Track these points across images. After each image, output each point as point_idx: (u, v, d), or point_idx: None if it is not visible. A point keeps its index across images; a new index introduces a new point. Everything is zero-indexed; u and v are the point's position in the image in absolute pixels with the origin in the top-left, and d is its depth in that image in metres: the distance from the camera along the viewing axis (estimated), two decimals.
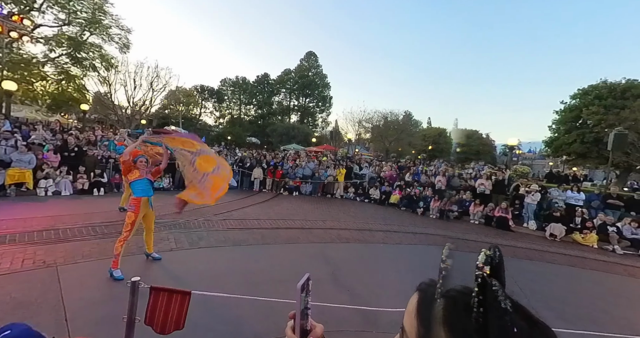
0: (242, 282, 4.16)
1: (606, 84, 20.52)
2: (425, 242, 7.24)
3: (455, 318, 0.45)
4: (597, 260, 7.14)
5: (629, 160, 16.62)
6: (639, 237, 8.26)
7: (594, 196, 10.38)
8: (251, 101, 51.89)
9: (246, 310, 3.34)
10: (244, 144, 37.23)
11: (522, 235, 9.10)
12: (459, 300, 0.47)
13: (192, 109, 47.32)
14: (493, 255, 0.48)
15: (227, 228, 6.58)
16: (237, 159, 13.76)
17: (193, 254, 5.07)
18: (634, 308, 4.64)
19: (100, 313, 3.07)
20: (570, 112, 21.53)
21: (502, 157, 39.04)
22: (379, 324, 3.34)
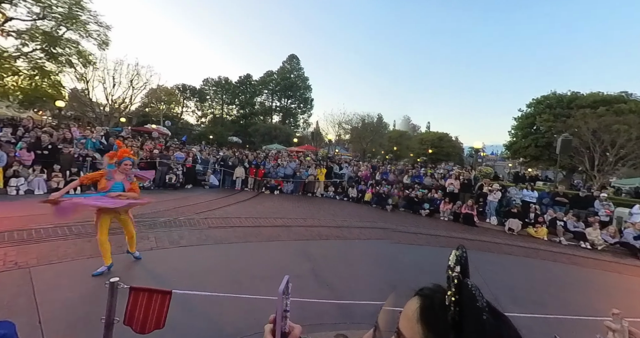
0: (223, 280, 4.08)
1: (555, 95, 22.11)
2: (396, 239, 7.44)
3: (432, 316, 0.48)
4: (546, 251, 7.67)
5: (572, 162, 17.97)
6: (580, 230, 8.96)
7: (545, 194, 11.12)
8: (233, 101, 50.77)
9: (227, 308, 3.28)
10: (225, 143, 36.33)
11: (485, 230, 9.58)
12: (435, 298, 0.50)
13: (173, 108, 45.57)
14: (461, 255, 0.51)
15: (209, 227, 6.41)
16: (219, 158, 13.44)
17: (174, 253, 4.91)
18: (575, 292, 5.04)
19: (77, 315, 2.90)
20: (526, 119, 22.95)
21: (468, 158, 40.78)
22: (353, 316, 3.40)
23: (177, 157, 12.01)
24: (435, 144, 37.15)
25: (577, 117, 17.92)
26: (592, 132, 16.27)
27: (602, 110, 18.10)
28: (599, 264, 7.07)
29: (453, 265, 0.49)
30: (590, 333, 1.71)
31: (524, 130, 22.95)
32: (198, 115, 50.75)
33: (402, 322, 0.52)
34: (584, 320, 2.65)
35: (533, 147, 21.68)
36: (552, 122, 20.14)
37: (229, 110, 51.55)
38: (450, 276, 0.48)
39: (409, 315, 0.51)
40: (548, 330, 2.13)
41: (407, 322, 0.51)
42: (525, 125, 22.94)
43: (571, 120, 18.34)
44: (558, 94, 22.00)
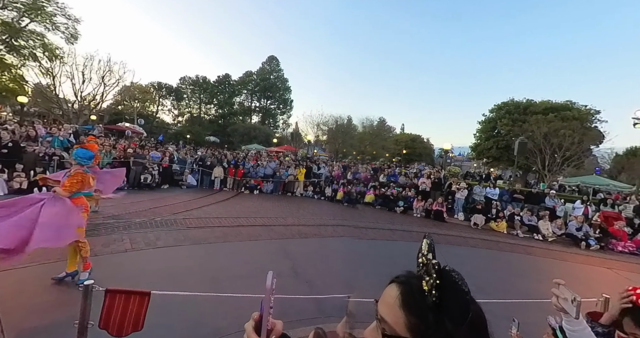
0: (202, 280, 3.96)
1: (513, 101, 23.72)
2: (372, 236, 7.61)
3: (412, 301, 0.50)
4: (505, 243, 8.21)
5: (528, 162, 19.37)
6: (533, 223, 9.70)
7: (505, 192, 11.90)
8: (211, 101, 49.21)
9: (207, 308, 3.20)
10: (203, 142, 35.17)
11: (453, 225, 10.05)
12: (412, 284, 0.52)
13: (148, 106, 43.36)
14: (431, 243, 0.54)
15: (187, 227, 6.19)
16: (197, 158, 12.98)
17: (150, 254, 4.69)
18: (530, 278, 5.44)
19: (46, 321, 2.69)
20: (489, 123, 24.40)
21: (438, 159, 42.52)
22: (326, 310, 3.43)
23: (153, 156, 11.46)
24: (409, 145, 38.44)
25: (531, 122, 19.39)
26: (543, 136, 17.64)
27: (551, 116, 19.72)
28: (549, 253, 7.70)
29: (426, 252, 0.52)
30: (543, 314, 1.87)
31: (486, 133, 24.40)
32: (174, 114, 48.67)
33: (383, 309, 0.53)
34: (538, 303, 2.88)
35: (495, 149, 23.12)
36: (511, 126, 21.61)
37: (207, 109, 49.92)
38: (426, 262, 0.51)
39: (390, 303, 0.52)
40: (508, 313, 2.28)
41: (388, 309, 0.52)
42: (488, 128, 24.39)
43: (526, 124, 19.81)
44: (515, 101, 23.63)
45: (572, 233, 9.16)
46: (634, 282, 6.06)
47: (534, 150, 17.99)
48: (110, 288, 1.91)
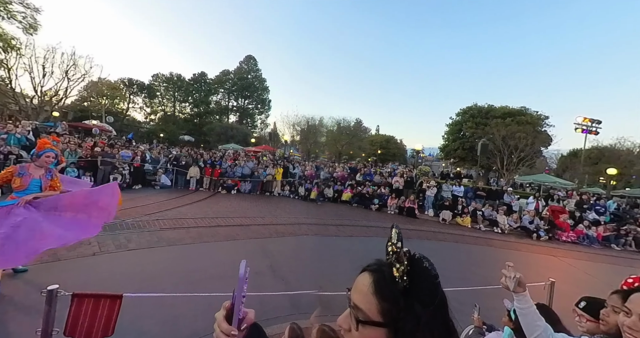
0: (178, 281, 3.81)
1: (477, 106, 25.20)
2: (348, 233, 7.74)
3: (384, 287, 0.52)
4: (469, 236, 8.73)
5: (489, 162, 20.71)
6: (494, 218, 10.40)
7: (469, 189, 12.63)
8: (187, 99, 47.19)
9: (183, 309, 3.08)
10: (178, 141, 33.63)
11: (424, 221, 10.48)
12: (384, 272, 0.54)
13: (117, 103, 40.64)
14: (399, 232, 0.57)
15: (161, 229, 5.89)
16: (172, 157, 12.38)
17: (121, 257, 4.41)
18: (490, 267, 5.83)
19: (4, 330, 2.45)
20: (455, 126, 25.72)
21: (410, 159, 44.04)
22: (301, 306, 3.44)
23: (123, 155, 10.77)
24: (384, 145, 39.46)
25: (492, 126, 20.75)
26: (502, 138, 18.94)
27: (509, 120, 21.23)
28: (506, 244, 8.30)
29: (395, 241, 0.54)
30: (501, 299, 2.03)
31: (453, 135, 25.69)
32: (147, 112, 46.08)
33: (357, 296, 0.54)
34: (496, 289, 3.09)
35: (461, 150, 24.42)
36: (474, 129, 22.96)
37: (182, 108, 47.80)
38: (396, 251, 0.53)
39: (363, 290, 0.54)
40: (471, 300, 2.45)
41: (362, 296, 0.54)
42: (454, 131, 25.70)
43: (488, 128, 21.17)
44: (479, 106, 25.11)
45: (525, 226, 9.95)
46: (578, 268, 6.73)
47: (494, 151, 19.27)
48: (77, 293, 1.78)
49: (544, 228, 9.87)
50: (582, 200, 12.52)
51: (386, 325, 0.51)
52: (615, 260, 7.97)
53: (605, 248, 9.48)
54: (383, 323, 0.51)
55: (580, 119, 20.83)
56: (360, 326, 0.53)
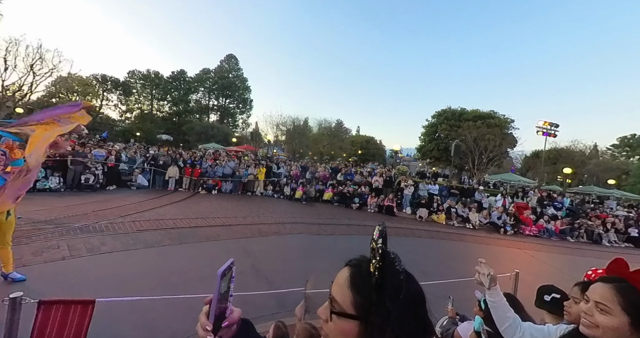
0: (156, 284, 3.64)
1: (450, 109, 26.28)
2: (330, 231, 7.79)
3: (360, 281, 0.54)
4: (444, 232, 9.09)
5: (461, 162, 21.68)
6: (466, 215, 10.90)
7: (444, 188, 13.15)
8: (165, 97, 45.26)
9: (162, 312, 2.95)
10: (155, 140, 32.18)
11: (402, 218, 10.77)
12: (361, 267, 0.56)
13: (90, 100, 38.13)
14: (382, 229, 0.58)
15: (137, 230, 5.61)
16: (149, 157, 11.81)
17: (94, 261, 4.15)
18: (462, 261, 6.11)
19: None
20: (431, 128, 26.66)
21: (389, 159, 45.05)
22: (286, 305, 3.43)
23: (96, 155, 10.13)
24: (364, 145, 40.02)
25: (464, 128, 21.73)
26: (473, 140, 19.89)
27: (479, 123, 22.32)
28: (477, 239, 8.73)
29: (377, 238, 0.56)
30: (472, 290, 2.13)
31: (429, 137, 26.62)
32: (122, 110, 43.66)
33: (335, 288, 0.56)
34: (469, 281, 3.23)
35: (436, 150, 25.35)
36: (448, 131, 23.93)
37: (160, 106, 45.77)
38: (375, 247, 0.55)
39: (340, 283, 0.55)
40: (445, 292, 2.55)
41: (339, 289, 0.55)
42: (430, 132, 26.63)
43: (460, 130, 22.14)
44: (452, 109, 26.22)
45: (494, 222, 10.52)
46: (539, 259, 7.21)
47: (467, 152, 20.20)
48: (44, 300, 1.65)
49: (510, 223, 10.49)
50: (543, 197, 13.45)
51: (358, 318, 0.52)
52: (571, 251, 8.63)
53: (562, 240, 10.25)
54: (355, 316, 0.52)
55: (541, 123, 22.35)
56: (334, 317, 0.54)
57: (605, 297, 0.88)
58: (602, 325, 0.87)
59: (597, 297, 0.90)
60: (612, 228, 11.08)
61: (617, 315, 0.85)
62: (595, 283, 0.96)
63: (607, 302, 0.87)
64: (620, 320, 0.84)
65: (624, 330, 0.84)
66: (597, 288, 0.93)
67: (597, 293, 0.91)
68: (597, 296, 0.91)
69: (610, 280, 0.93)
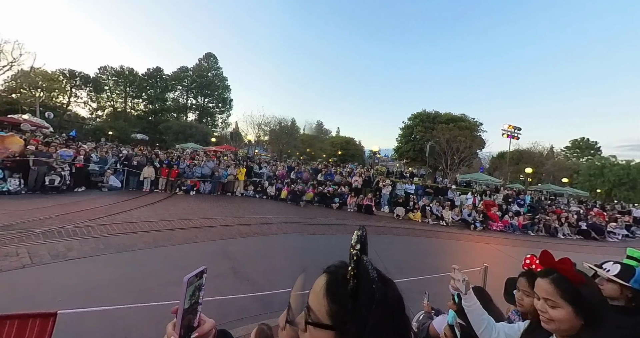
0: (129, 290, 3.42)
1: (425, 112, 27.22)
2: (311, 231, 7.77)
3: (336, 289, 0.51)
4: (420, 229, 9.38)
5: (435, 162, 22.54)
6: (440, 213, 11.34)
7: (419, 187, 13.58)
8: (140, 95, 43.00)
9: (135, 321, 2.77)
10: (129, 140, 30.44)
11: (380, 217, 10.98)
12: (338, 274, 0.53)
13: (56, 96, 35.36)
14: (361, 234, 0.55)
15: (109, 234, 5.25)
16: (123, 157, 11.12)
17: (59, 268, 3.82)
18: (437, 257, 6.36)
19: None
20: (407, 129, 27.45)
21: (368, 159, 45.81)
22: (272, 306, 3.37)
23: (63, 154, 9.36)
24: (344, 146, 40.45)
25: (438, 130, 22.59)
26: (446, 141, 20.74)
27: (452, 126, 23.33)
28: (450, 235, 9.10)
29: (354, 243, 0.53)
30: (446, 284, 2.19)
31: (406, 138, 27.39)
32: (92, 108, 40.91)
33: (311, 297, 0.53)
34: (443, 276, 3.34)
35: (412, 151, 26.14)
36: (424, 132, 24.77)
37: (135, 104, 43.42)
38: (351, 253, 0.52)
39: (317, 291, 0.52)
40: (421, 288, 2.61)
41: (315, 297, 0.52)
42: (406, 134, 27.41)
43: (435, 131, 22.98)
44: (427, 112, 27.17)
45: (465, 219, 11.02)
46: (504, 252, 7.64)
47: (440, 153, 21.02)
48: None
49: (479, 220, 11.05)
50: (508, 195, 14.31)
51: (333, 328, 0.49)
52: (532, 244, 9.25)
53: (524, 234, 10.96)
54: (330, 326, 0.49)
55: (506, 126, 23.79)
56: (310, 328, 0.51)
57: (549, 292, 0.93)
58: (556, 318, 0.91)
59: (543, 293, 0.95)
60: (566, 222, 12.03)
61: (562, 306, 0.90)
62: (537, 279, 1.00)
63: (551, 297, 0.92)
64: (567, 311, 0.89)
65: (573, 319, 0.88)
66: (540, 284, 0.97)
67: (542, 289, 0.95)
68: (542, 292, 0.95)
69: (545, 273, 0.97)
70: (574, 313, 0.88)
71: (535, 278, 1.35)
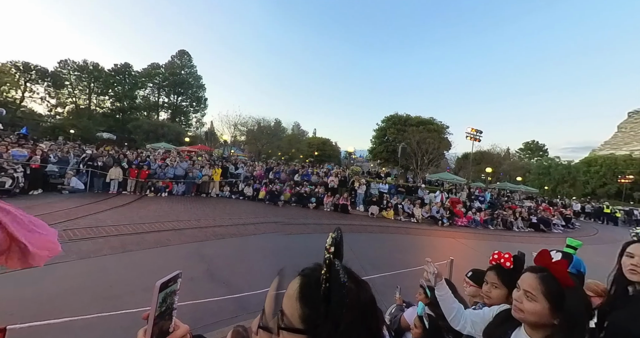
0: (93, 299, 3.14)
1: (397, 115, 28.21)
2: (288, 230, 7.70)
3: (309, 293, 0.49)
4: (392, 227, 9.69)
5: (407, 163, 23.46)
6: (411, 211, 11.80)
7: (392, 186, 14.03)
8: (106, 92, 39.92)
9: (100, 330, 2.55)
10: (94, 139, 28.11)
11: (355, 216, 11.17)
12: (312, 277, 0.51)
13: (7, 91, 31.68)
14: (336, 236, 0.54)
15: (69, 240, 4.79)
16: (86, 157, 10.20)
17: (9, 279, 3.40)
18: (408, 252, 6.61)
19: None
20: (381, 131, 28.27)
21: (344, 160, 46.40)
22: (249, 307, 3.29)
23: (15, 154, 8.38)
24: (320, 147, 40.61)
25: (409, 132, 23.54)
26: (416, 143, 21.66)
27: (421, 128, 24.42)
28: (420, 232, 9.50)
29: (329, 246, 0.52)
30: (417, 278, 2.28)
31: (379, 139, 28.19)
32: (51, 104, 37.18)
33: (285, 301, 0.52)
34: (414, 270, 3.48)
35: (385, 152, 26.96)
36: (396, 134, 25.67)
37: (100, 101, 40.20)
38: (325, 256, 0.50)
39: (290, 295, 0.51)
40: (394, 282, 2.69)
41: (288, 301, 0.51)
42: (380, 135, 28.22)
43: (406, 133, 23.92)
44: (399, 115, 28.19)
45: (434, 215, 11.58)
46: (468, 246, 8.13)
47: (411, 153, 21.90)
48: None
49: (447, 216, 11.67)
50: (471, 192, 15.28)
51: (305, 332, 0.48)
52: (492, 238, 9.96)
53: (485, 229, 11.76)
54: (302, 330, 0.48)
55: (469, 129, 25.34)
56: (283, 333, 0.49)
57: (532, 286, 0.98)
58: (527, 310, 0.97)
59: (526, 286, 1.00)
60: (520, 216, 13.10)
61: (540, 301, 0.96)
62: (524, 272, 1.06)
63: (533, 291, 0.97)
64: (543, 306, 0.95)
65: (545, 314, 0.94)
66: (525, 278, 1.02)
67: (526, 283, 1.01)
68: (525, 285, 1.00)
69: (536, 269, 1.03)
70: (548, 310, 0.93)
71: (504, 273, 1.43)
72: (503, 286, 1.41)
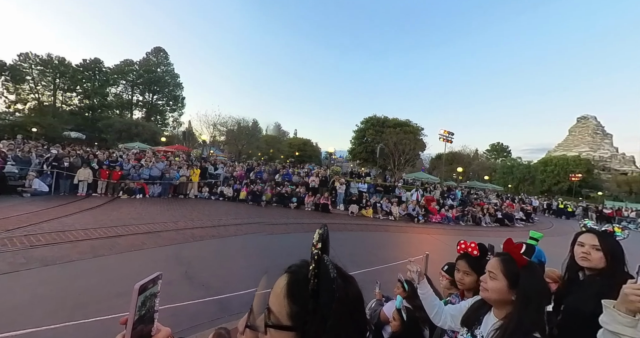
0: (59, 307, 2.89)
1: (376, 117, 28.89)
2: (269, 231, 7.60)
3: (296, 289, 0.49)
4: (371, 225, 9.89)
5: (385, 163, 24.09)
6: (389, 209, 12.13)
7: (371, 185, 14.32)
8: (74, 88, 37.03)
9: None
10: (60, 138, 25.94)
11: (336, 214, 11.26)
12: (300, 274, 0.51)
13: None
14: (323, 232, 0.54)
15: (31, 246, 4.38)
16: (51, 157, 9.37)
17: None
18: (387, 249, 6.78)
19: None
20: (360, 132, 28.78)
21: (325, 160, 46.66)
22: (231, 309, 3.21)
23: None
24: (301, 148, 40.54)
25: (387, 133, 24.18)
26: (394, 144, 22.30)
27: (398, 130, 25.18)
28: (397, 229, 9.79)
29: (316, 242, 0.51)
30: (396, 274, 2.35)
31: (359, 140, 28.68)
32: (9, 100, 33.77)
33: (272, 298, 0.51)
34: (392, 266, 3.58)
35: (364, 152, 27.48)
36: (375, 135, 26.26)
37: (67, 98, 37.16)
38: (313, 252, 0.50)
39: (277, 292, 0.50)
40: (374, 278, 2.75)
41: (275, 298, 0.50)
42: (359, 136, 28.72)
43: (384, 135, 24.55)
44: (377, 117, 28.87)
45: (410, 213, 11.98)
46: (443, 241, 8.51)
47: (389, 154, 22.52)
48: None
49: (422, 213, 12.12)
50: (444, 191, 16.00)
51: (293, 329, 0.47)
52: (463, 233, 10.50)
53: (457, 225, 12.37)
54: (291, 327, 0.47)
55: (442, 131, 26.54)
56: (270, 330, 0.49)
57: (494, 266, 1.10)
58: (490, 288, 1.08)
59: (490, 267, 1.12)
60: (487, 213, 13.94)
61: (500, 279, 1.07)
62: (492, 258, 1.18)
63: (495, 270, 1.09)
64: (502, 284, 1.06)
65: (504, 291, 1.05)
66: (491, 261, 1.14)
67: (491, 265, 1.13)
68: (489, 266, 1.13)
69: (500, 254, 1.15)
70: (507, 287, 1.04)
71: (473, 260, 1.56)
72: (473, 272, 1.54)
